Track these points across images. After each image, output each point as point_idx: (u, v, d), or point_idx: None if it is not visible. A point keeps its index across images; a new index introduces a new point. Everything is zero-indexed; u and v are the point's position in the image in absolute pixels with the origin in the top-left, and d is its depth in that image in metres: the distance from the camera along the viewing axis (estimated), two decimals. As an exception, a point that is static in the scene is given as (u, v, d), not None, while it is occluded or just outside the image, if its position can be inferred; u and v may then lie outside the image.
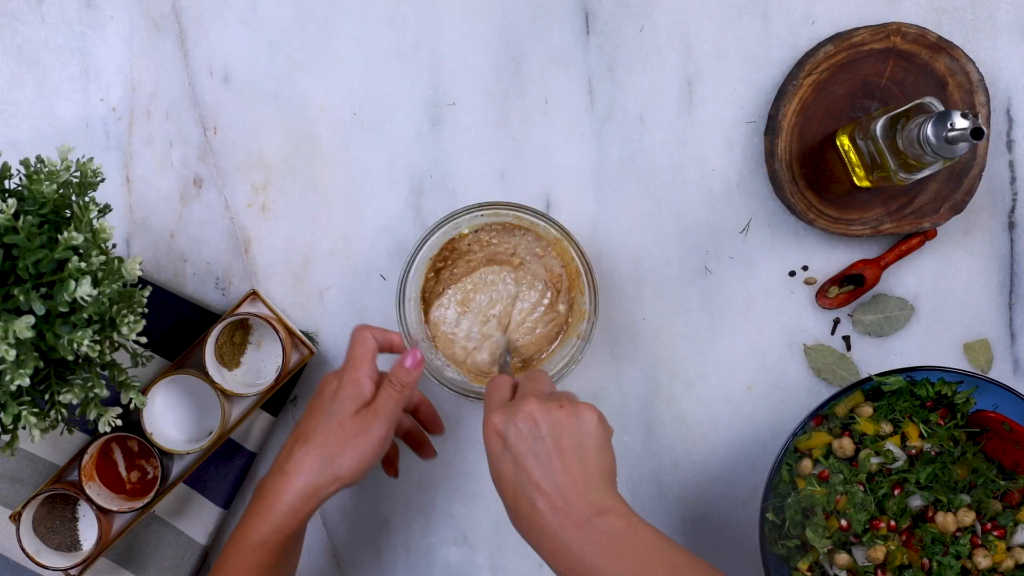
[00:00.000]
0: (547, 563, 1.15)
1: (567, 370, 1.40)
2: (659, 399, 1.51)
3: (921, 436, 1.36)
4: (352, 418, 1.29)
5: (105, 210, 1.23)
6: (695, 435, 1.51)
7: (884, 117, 1.33)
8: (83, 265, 1.13)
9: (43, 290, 1.13)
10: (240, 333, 1.49)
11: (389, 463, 1.44)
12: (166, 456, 1.46)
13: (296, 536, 1.29)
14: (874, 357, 1.50)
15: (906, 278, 1.50)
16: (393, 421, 1.30)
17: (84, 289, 1.12)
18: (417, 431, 1.44)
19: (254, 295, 1.48)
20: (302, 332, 1.49)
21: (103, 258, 1.17)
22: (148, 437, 1.42)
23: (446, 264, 1.44)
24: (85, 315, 1.16)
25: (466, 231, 1.43)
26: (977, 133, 1.22)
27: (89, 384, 1.25)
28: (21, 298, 1.11)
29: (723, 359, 1.50)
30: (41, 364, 1.15)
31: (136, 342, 1.35)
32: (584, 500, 1.13)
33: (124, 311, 1.22)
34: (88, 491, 1.43)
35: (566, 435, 1.16)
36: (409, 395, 1.32)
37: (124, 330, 1.21)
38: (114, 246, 1.47)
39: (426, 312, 1.45)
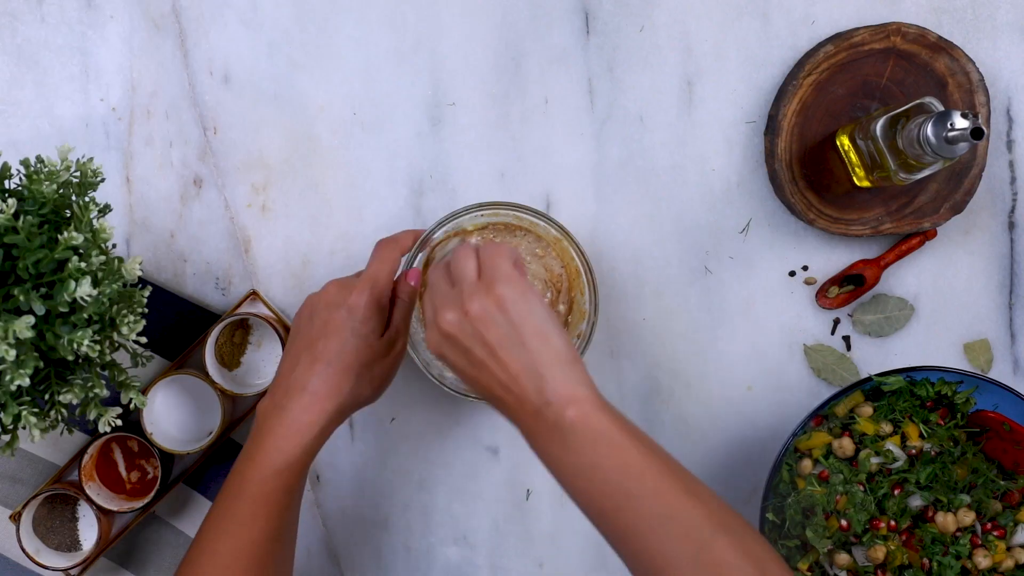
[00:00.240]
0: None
1: None
2: (659, 399, 1.51)
3: (921, 436, 1.36)
4: (380, 340, 1.29)
5: (105, 210, 1.23)
6: (695, 435, 1.51)
7: (884, 117, 1.33)
8: (83, 265, 1.13)
9: (43, 290, 1.13)
10: (240, 333, 1.49)
11: None
12: (166, 456, 1.46)
13: (315, 454, 1.28)
14: (874, 357, 1.50)
15: (906, 278, 1.50)
16: (408, 332, 1.33)
17: (84, 289, 1.12)
18: None
19: (254, 295, 1.48)
20: (302, 332, 1.49)
21: (103, 258, 1.17)
22: (148, 437, 1.42)
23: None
24: (85, 315, 1.16)
25: (469, 228, 1.43)
26: (977, 133, 1.22)
27: (89, 384, 1.25)
28: (21, 298, 1.10)
29: (723, 359, 1.50)
30: (41, 364, 1.15)
31: (136, 342, 1.35)
32: (532, 389, 1.11)
33: (124, 311, 1.22)
34: (88, 491, 1.43)
35: (489, 333, 1.13)
36: (414, 305, 1.34)
37: (124, 330, 1.21)
38: (114, 246, 1.47)
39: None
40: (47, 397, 1.22)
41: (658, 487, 1.08)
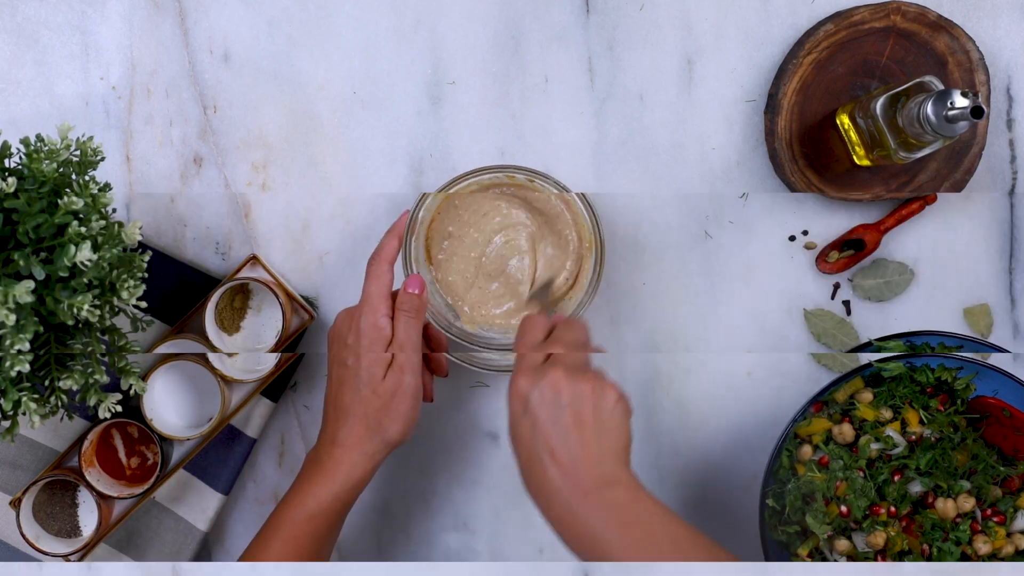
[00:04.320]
0: (552, 527, 1.18)
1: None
2: (659, 385, 1.51)
3: (921, 422, 1.37)
4: (383, 383, 1.31)
5: (105, 189, 1.24)
6: (695, 421, 1.52)
7: (884, 96, 1.33)
8: (83, 230, 1.14)
9: (43, 255, 1.14)
10: (240, 298, 1.49)
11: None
12: (166, 442, 1.47)
13: (351, 504, 1.33)
14: (874, 322, 1.50)
15: (906, 243, 1.50)
16: (419, 366, 1.32)
17: (84, 254, 1.12)
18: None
19: (254, 259, 1.48)
20: (302, 297, 1.49)
21: (103, 223, 1.17)
22: (148, 423, 1.43)
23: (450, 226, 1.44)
24: (85, 280, 1.16)
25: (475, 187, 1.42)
26: (977, 112, 1.22)
27: (89, 370, 1.25)
28: (21, 263, 1.11)
29: (723, 324, 1.51)
30: (41, 329, 1.15)
31: (136, 307, 1.35)
32: (595, 472, 1.17)
33: (124, 276, 1.23)
34: (88, 477, 1.43)
35: (587, 408, 1.18)
36: (423, 320, 1.34)
37: (124, 295, 1.22)
38: (114, 211, 1.47)
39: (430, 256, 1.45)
40: (47, 383, 1.23)
41: (706, 555, 1.17)
